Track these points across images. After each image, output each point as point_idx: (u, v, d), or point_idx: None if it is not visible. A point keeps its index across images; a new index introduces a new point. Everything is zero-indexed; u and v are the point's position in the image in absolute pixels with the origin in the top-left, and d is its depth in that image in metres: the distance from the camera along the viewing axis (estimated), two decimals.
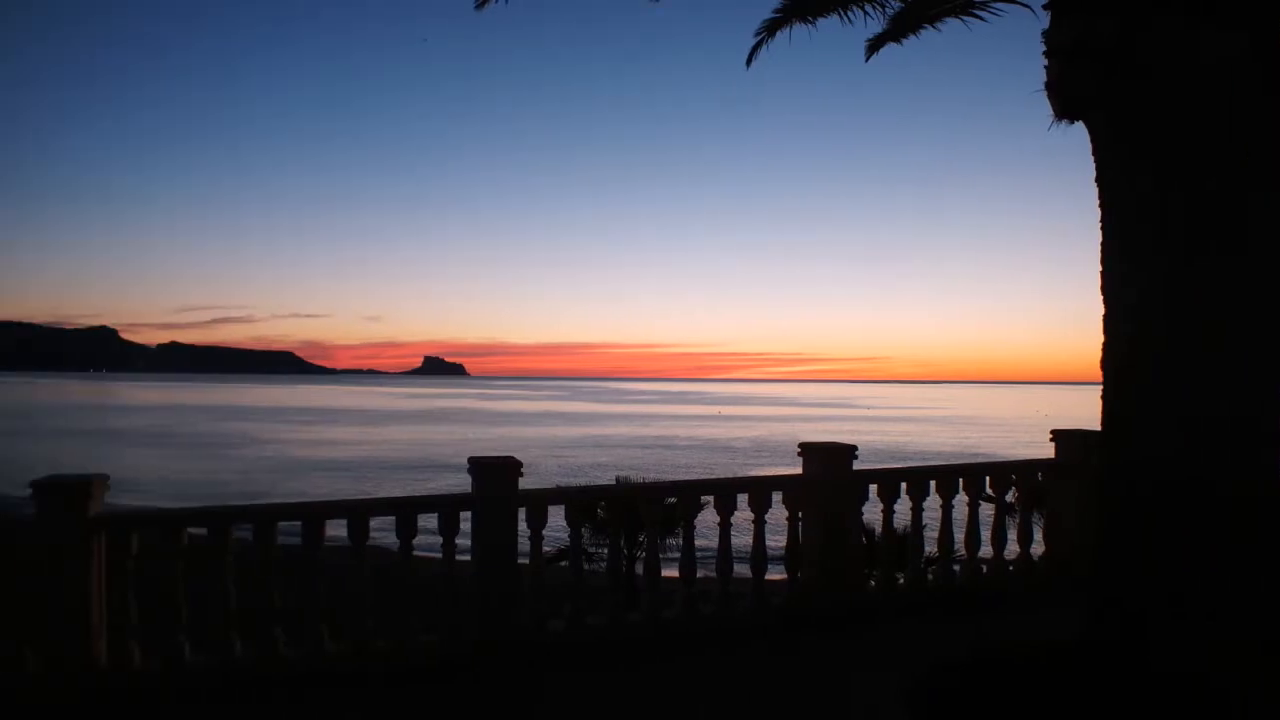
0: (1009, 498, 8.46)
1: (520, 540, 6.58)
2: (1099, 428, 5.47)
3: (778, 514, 7.35)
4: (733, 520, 7.18)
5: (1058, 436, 8.48)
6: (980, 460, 11.62)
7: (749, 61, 7.91)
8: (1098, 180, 5.35)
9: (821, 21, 7.53)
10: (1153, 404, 5.04)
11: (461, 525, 6.49)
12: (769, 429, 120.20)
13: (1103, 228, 5.31)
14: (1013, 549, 8.34)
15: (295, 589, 6.12)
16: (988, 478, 8.25)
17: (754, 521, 7.28)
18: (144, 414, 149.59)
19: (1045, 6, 5.49)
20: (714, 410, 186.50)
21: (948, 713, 5.03)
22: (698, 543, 7.30)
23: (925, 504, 7.84)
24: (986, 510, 8.17)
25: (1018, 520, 8.33)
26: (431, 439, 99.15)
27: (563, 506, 6.91)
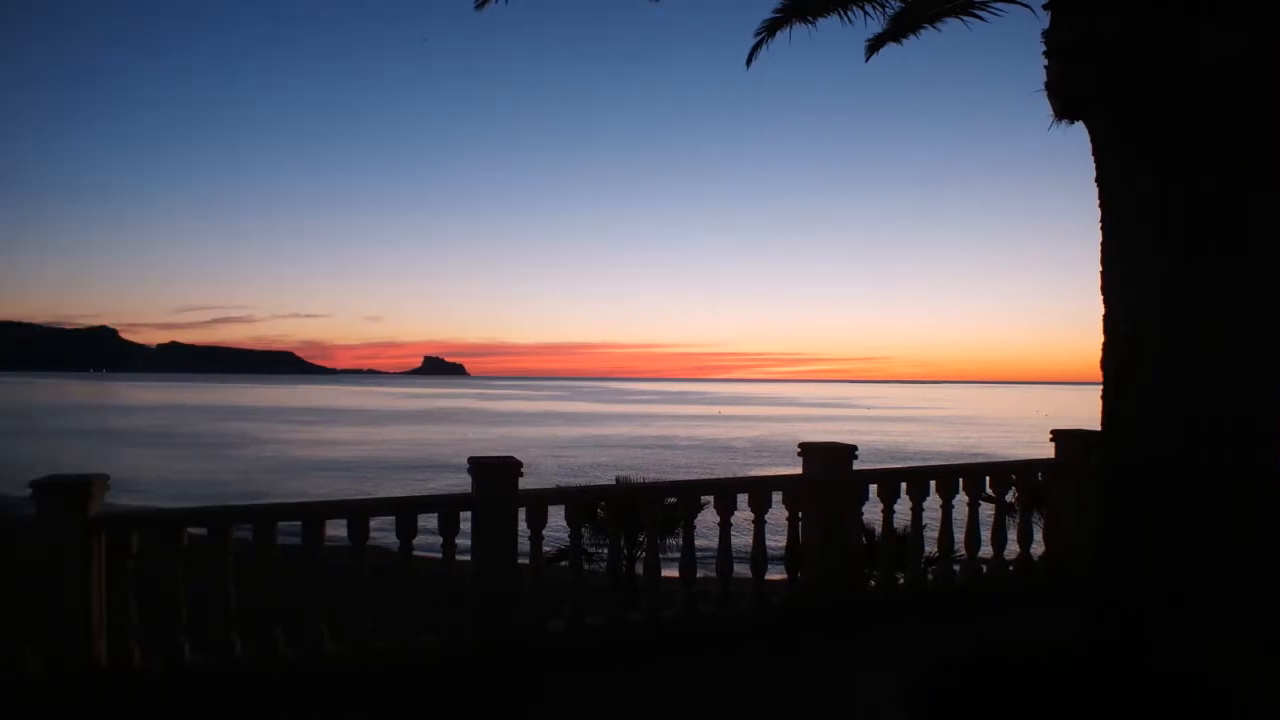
0: (1009, 498, 8.46)
1: (520, 540, 6.58)
2: (1099, 428, 5.46)
3: (778, 514, 7.35)
4: (733, 520, 7.17)
5: (1058, 436, 8.48)
6: (980, 460, 11.62)
7: (749, 61, 7.91)
8: (1098, 180, 5.35)
9: (821, 21, 7.52)
10: (1153, 404, 5.03)
11: (461, 525, 6.49)
12: (769, 429, 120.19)
13: (1103, 228, 5.30)
14: (1013, 549, 8.34)
15: (295, 589, 6.13)
16: (988, 478, 8.25)
17: (754, 521, 7.28)
18: (144, 414, 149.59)
19: (1045, 6, 5.49)
20: (714, 410, 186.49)
21: (948, 713, 5.03)
22: (698, 543, 7.30)
23: (925, 504, 7.85)
24: (986, 510, 8.18)
25: (1018, 520, 8.33)
26: (431, 439, 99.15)
27: (563, 506, 6.91)
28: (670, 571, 7.35)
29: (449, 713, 5.69)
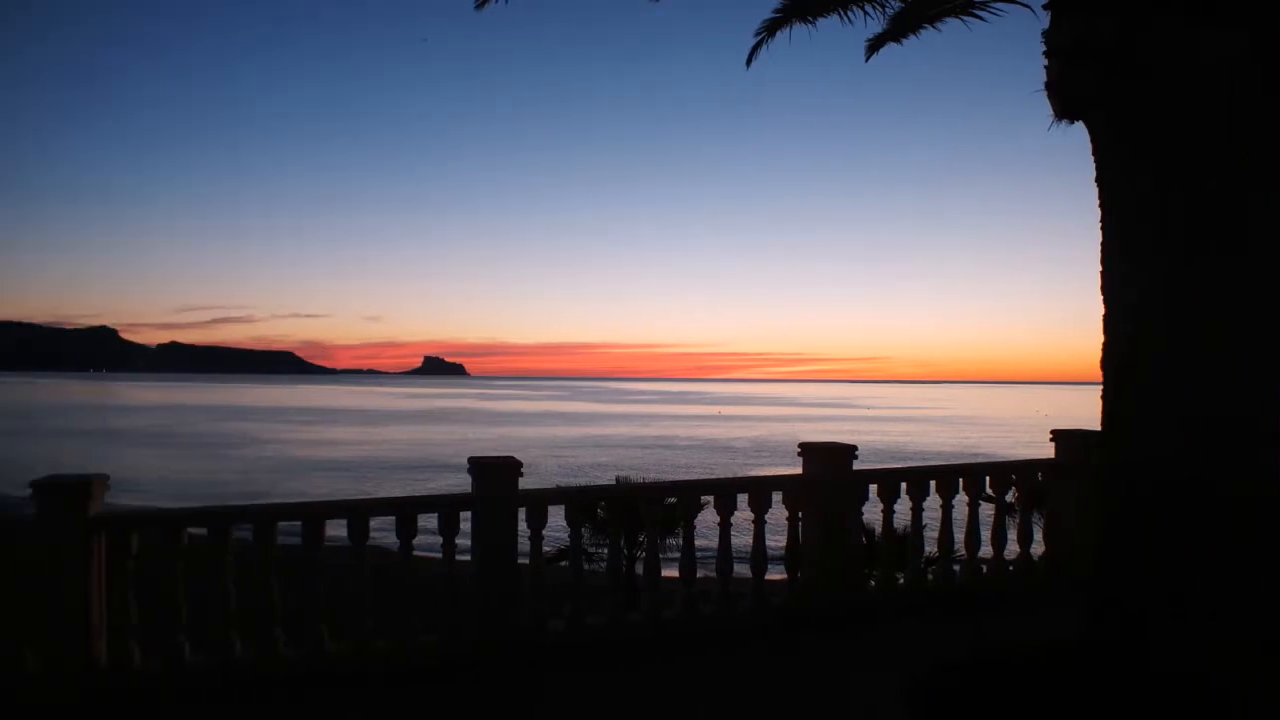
0: (1009, 498, 8.46)
1: (520, 540, 6.57)
2: (1099, 428, 5.47)
3: (778, 514, 7.34)
4: (733, 520, 7.17)
5: (1058, 436, 8.48)
6: (980, 460, 11.62)
7: (749, 61, 7.92)
8: (1098, 180, 5.35)
9: (821, 21, 7.53)
10: (1153, 404, 5.04)
11: (461, 525, 6.49)
12: (769, 429, 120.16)
13: (1103, 228, 5.31)
14: (1013, 549, 8.34)
15: (295, 589, 6.12)
16: (988, 478, 8.25)
17: (754, 521, 7.27)
18: (144, 414, 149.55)
19: (1045, 6, 5.50)
20: (714, 410, 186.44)
21: (948, 713, 5.03)
22: (698, 543, 7.30)
23: (925, 504, 7.84)
24: (986, 510, 8.17)
25: (1018, 520, 8.33)
26: (431, 439, 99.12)
27: (563, 506, 6.91)
28: (670, 571, 7.35)
29: (449, 713, 5.69)
